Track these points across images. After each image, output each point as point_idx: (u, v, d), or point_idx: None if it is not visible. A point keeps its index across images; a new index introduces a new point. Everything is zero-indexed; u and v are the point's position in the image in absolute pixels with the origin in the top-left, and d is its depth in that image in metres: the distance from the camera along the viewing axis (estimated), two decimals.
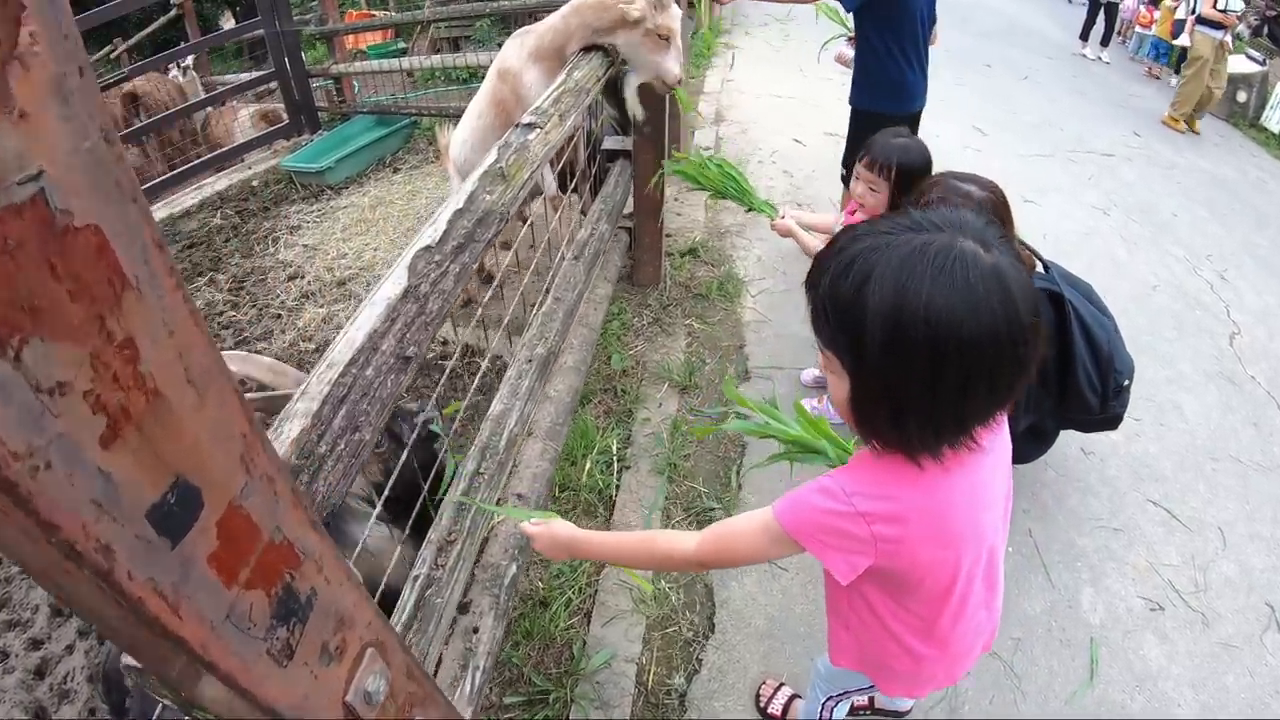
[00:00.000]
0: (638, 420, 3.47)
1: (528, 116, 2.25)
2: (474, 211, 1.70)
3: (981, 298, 0.99)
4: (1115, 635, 2.69)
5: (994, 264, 1.01)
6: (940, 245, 1.01)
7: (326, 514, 1.15)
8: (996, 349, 1.01)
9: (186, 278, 5.49)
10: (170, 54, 7.56)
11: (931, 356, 1.01)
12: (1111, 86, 9.57)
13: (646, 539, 1.50)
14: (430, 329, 1.45)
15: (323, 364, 1.26)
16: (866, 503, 1.16)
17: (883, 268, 1.02)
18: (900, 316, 1.00)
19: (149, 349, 0.47)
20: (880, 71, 4.09)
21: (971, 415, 1.09)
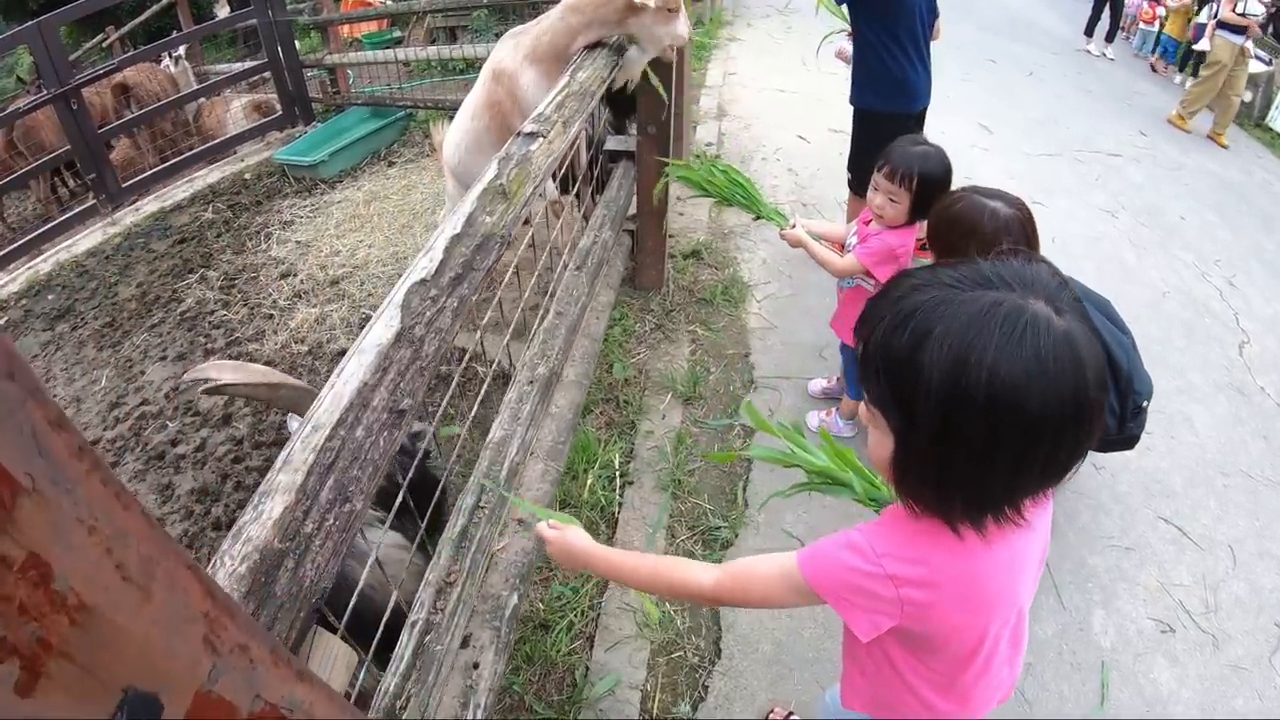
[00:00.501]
0: (640, 432, 3.38)
1: (529, 125, 2.13)
2: (473, 236, 1.58)
3: (1051, 370, 0.90)
4: (1126, 658, 2.65)
5: (1066, 331, 0.92)
6: (1011, 307, 0.92)
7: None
8: (1059, 426, 0.93)
9: (177, 274, 5.42)
10: (162, 43, 7.44)
11: (989, 429, 0.93)
12: (1117, 83, 9.47)
13: (663, 566, 1.40)
14: (426, 374, 1.34)
15: (306, 426, 1.15)
16: (896, 565, 1.09)
17: (945, 326, 0.94)
18: (960, 383, 0.92)
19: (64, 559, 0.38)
20: (880, 68, 3.93)
21: (1022, 491, 1.00)
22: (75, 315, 5.35)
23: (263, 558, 1.00)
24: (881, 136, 3.80)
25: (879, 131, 3.94)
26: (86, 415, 4.39)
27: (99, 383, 4.64)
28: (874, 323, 1.03)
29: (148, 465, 3.92)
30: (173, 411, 4.27)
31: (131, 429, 4.21)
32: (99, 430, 4.25)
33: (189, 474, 3.80)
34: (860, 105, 4.13)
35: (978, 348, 0.91)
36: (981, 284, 0.97)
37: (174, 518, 3.60)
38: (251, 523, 1.04)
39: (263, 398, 2.39)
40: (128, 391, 4.51)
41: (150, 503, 3.71)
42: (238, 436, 3.97)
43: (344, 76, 7.91)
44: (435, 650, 1.65)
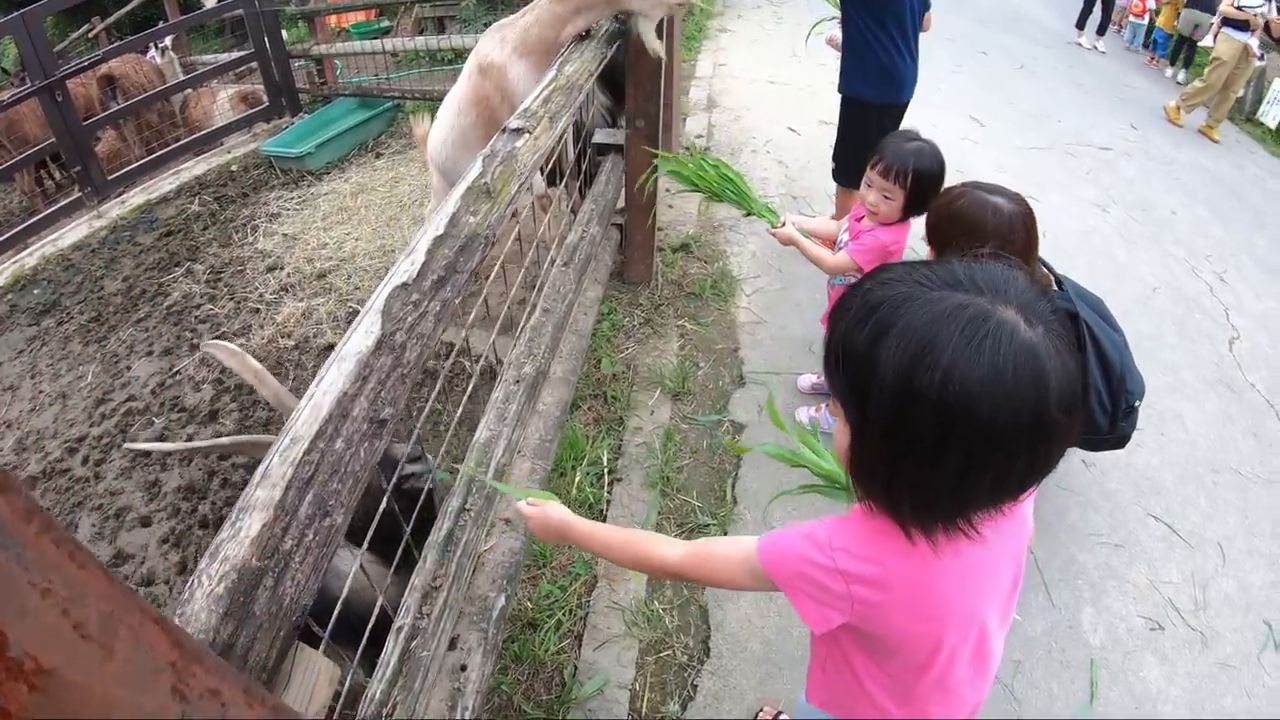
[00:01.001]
0: (629, 429, 3.36)
1: (515, 120, 2.10)
2: (456, 237, 1.55)
3: (1009, 381, 0.87)
4: (1115, 656, 2.65)
5: (1031, 344, 0.88)
6: (976, 311, 0.89)
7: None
8: (1013, 440, 0.90)
9: (163, 267, 5.38)
10: (148, 34, 7.39)
11: (938, 433, 0.90)
12: (1108, 77, 9.46)
13: (636, 539, 1.42)
14: (408, 381, 1.31)
15: (284, 438, 1.12)
16: (848, 561, 1.08)
17: (906, 323, 0.91)
18: (913, 382, 0.89)
19: (17, 625, 0.37)
20: (870, 57, 3.94)
21: (971, 502, 0.98)
22: (61, 310, 5.30)
23: (240, 577, 0.98)
24: (868, 126, 4.04)
25: (866, 121, 4.05)
26: (73, 412, 4.35)
27: (85, 378, 4.59)
28: (841, 314, 1.01)
29: (134, 462, 3.88)
30: (159, 408, 4.23)
31: (118, 425, 4.17)
32: (85, 427, 4.21)
33: (175, 471, 3.77)
34: (849, 94, 4.14)
35: (935, 349, 0.88)
36: (951, 285, 0.94)
37: (160, 515, 3.57)
38: (229, 541, 1.01)
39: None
40: (114, 387, 4.47)
41: (137, 500, 3.67)
42: (224, 432, 3.94)
43: (331, 67, 7.84)
44: (421, 656, 1.63)
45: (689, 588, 2.74)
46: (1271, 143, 8.31)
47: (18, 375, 4.76)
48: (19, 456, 4.10)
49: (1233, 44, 8.00)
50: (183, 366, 4.47)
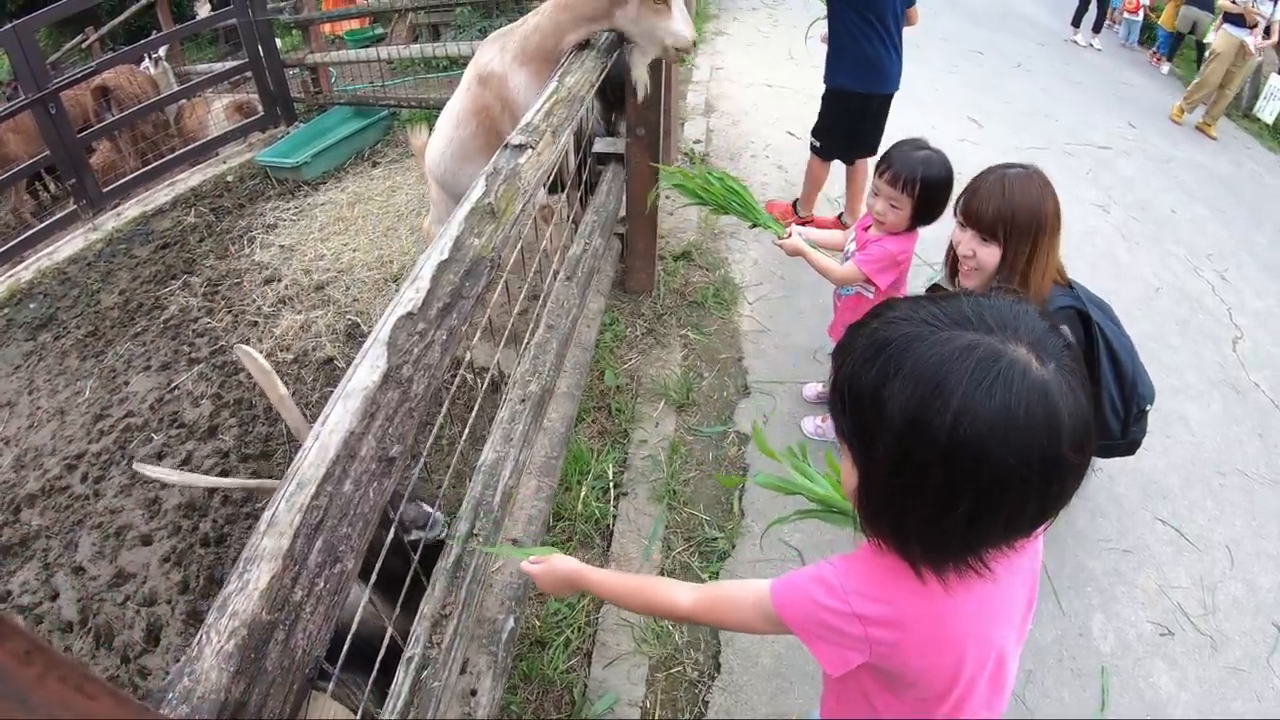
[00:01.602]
0: (634, 441, 3.33)
1: (517, 136, 2.06)
2: (461, 261, 1.51)
3: (1021, 422, 0.85)
4: (1126, 663, 2.63)
5: (1043, 383, 0.86)
6: (986, 351, 0.87)
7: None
8: (1024, 481, 0.87)
9: (160, 281, 5.36)
10: (142, 44, 7.34)
11: (948, 477, 0.89)
12: (1104, 75, 9.45)
13: (646, 584, 1.42)
14: (416, 415, 1.28)
15: (290, 483, 1.08)
16: (863, 604, 1.06)
17: (914, 364, 0.89)
18: (921, 426, 0.87)
19: None
20: (854, 50, 4.17)
21: (981, 543, 0.96)
22: (58, 324, 5.29)
23: (251, 633, 0.94)
24: (852, 114, 4.34)
25: (850, 109, 4.36)
26: (71, 428, 4.33)
27: (83, 394, 4.57)
28: (847, 352, 0.98)
29: (134, 479, 3.86)
30: (158, 423, 4.21)
31: (117, 442, 4.15)
32: (84, 443, 4.20)
33: (176, 489, 3.74)
34: (833, 86, 4.39)
35: (944, 390, 0.86)
36: (960, 323, 0.92)
37: (161, 533, 3.55)
38: (237, 594, 0.97)
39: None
40: (112, 403, 4.45)
41: (137, 518, 3.65)
42: (224, 449, 3.92)
43: (326, 76, 7.82)
44: (433, 687, 1.60)
45: None
46: (1268, 138, 8.32)
47: (15, 391, 4.73)
48: (17, 474, 4.08)
49: (1230, 39, 7.98)
50: (181, 381, 4.44)
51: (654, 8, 3.01)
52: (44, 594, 3.41)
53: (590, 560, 2.83)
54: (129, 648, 3.11)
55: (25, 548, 3.66)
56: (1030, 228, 2.15)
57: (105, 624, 3.22)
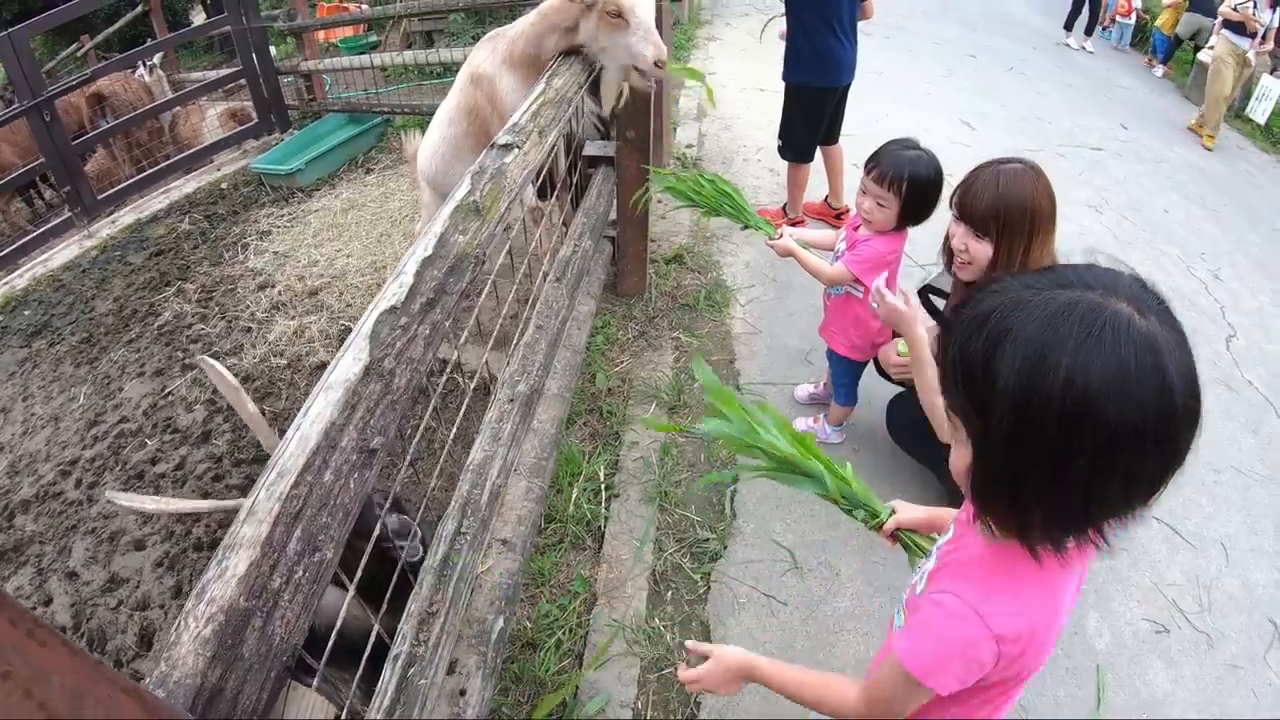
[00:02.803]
0: (625, 443, 3.33)
1: (504, 136, 2.07)
2: (445, 258, 1.52)
3: (1132, 373, 0.85)
4: (1122, 661, 2.61)
5: (1148, 333, 0.86)
6: (1089, 305, 0.88)
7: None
8: (1140, 435, 0.86)
9: (154, 287, 5.37)
10: (136, 52, 7.36)
11: (1065, 435, 0.88)
12: (1097, 77, 9.47)
13: (818, 680, 1.38)
14: (399, 408, 1.28)
15: (271, 472, 1.09)
16: (1001, 622, 1.04)
17: (1020, 327, 0.90)
18: (1035, 386, 0.88)
19: None
20: (807, 45, 4.36)
21: (1100, 509, 0.94)
22: (52, 331, 5.29)
23: (228, 619, 0.95)
24: (810, 108, 4.52)
25: (808, 103, 4.54)
26: (65, 434, 4.33)
27: (77, 400, 4.57)
28: (956, 328, 0.99)
29: (127, 485, 3.86)
30: (151, 429, 4.20)
31: (110, 447, 4.15)
32: (78, 449, 4.19)
33: (169, 493, 3.73)
34: (792, 81, 4.57)
35: (1054, 348, 0.87)
36: (1060, 285, 0.92)
37: (154, 539, 3.54)
38: (215, 581, 0.99)
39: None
40: (106, 409, 4.44)
41: (130, 523, 3.64)
42: (217, 454, 3.91)
43: (320, 83, 7.83)
44: (419, 684, 1.60)
45: (688, 603, 2.71)
46: (1261, 139, 8.33)
47: (9, 398, 4.74)
48: (11, 480, 4.08)
49: (1230, 46, 7.91)
50: (175, 387, 4.44)
51: (611, 23, 2.97)
52: (38, 599, 3.41)
53: (581, 562, 2.83)
54: (122, 652, 3.11)
55: (19, 553, 3.66)
56: (1024, 223, 2.14)
57: (98, 629, 3.21)
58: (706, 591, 2.74)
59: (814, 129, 4.62)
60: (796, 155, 4.72)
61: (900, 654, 1.12)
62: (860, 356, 3.03)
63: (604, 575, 2.78)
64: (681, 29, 9.48)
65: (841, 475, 1.61)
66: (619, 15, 2.94)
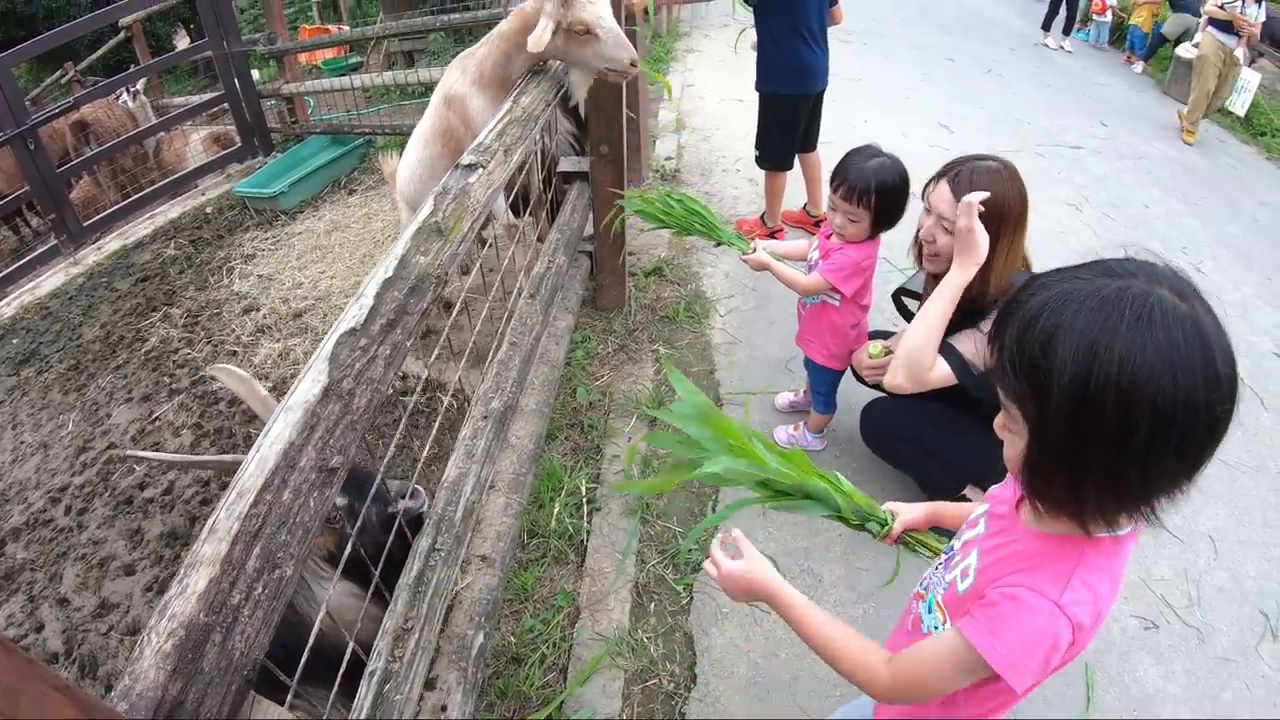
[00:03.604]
0: (607, 457, 3.33)
1: (468, 156, 2.09)
2: (406, 279, 1.53)
3: (1183, 351, 0.91)
4: (1110, 659, 2.61)
5: (1192, 315, 0.93)
6: (1137, 291, 0.94)
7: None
8: (1191, 411, 0.92)
9: (140, 313, 5.41)
10: (120, 78, 7.36)
11: (1122, 416, 0.92)
12: (1076, 76, 9.51)
13: (840, 632, 1.32)
14: (359, 427, 1.30)
15: (231, 492, 1.12)
16: (1081, 610, 1.06)
17: (1073, 317, 0.96)
18: (1091, 369, 0.93)
19: None
20: (779, 55, 4.37)
21: (1155, 484, 0.99)
22: (40, 359, 5.31)
23: (188, 634, 0.98)
24: (784, 116, 4.54)
25: (782, 111, 4.55)
26: (54, 461, 4.34)
27: (66, 427, 4.59)
28: (1005, 325, 1.04)
29: (116, 510, 3.88)
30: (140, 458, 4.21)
31: (99, 474, 4.17)
32: (67, 476, 4.21)
33: (158, 518, 3.75)
34: (765, 91, 4.56)
35: (1107, 333, 0.92)
36: (1106, 274, 0.98)
37: (144, 563, 3.55)
38: (176, 598, 1.01)
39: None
40: (94, 435, 4.46)
41: (120, 548, 3.66)
42: (204, 478, 3.92)
43: (302, 105, 7.85)
44: (395, 700, 1.61)
45: (671, 614, 2.71)
46: (1241, 131, 8.35)
47: None
48: (2, 508, 4.09)
49: (1215, 44, 7.87)
50: (162, 412, 4.45)
51: (580, 39, 2.99)
52: (29, 626, 3.42)
53: (564, 576, 2.83)
54: (113, 677, 3.11)
55: (10, 581, 3.67)
56: (992, 220, 2.16)
57: (90, 654, 3.22)
58: (689, 602, 2.73)
59: (790, 137, 4.64)
60: (774, 164, 4.73)
61: (977, 643, 1.11)
62: (838, 365, 3.04)
63: (587, 589, 2.78)
64: (660, 42, 9.52)
65: (845, 490, 1.56)
66: (587, 31, 2.96)
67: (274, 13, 7.47)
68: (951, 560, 1.34)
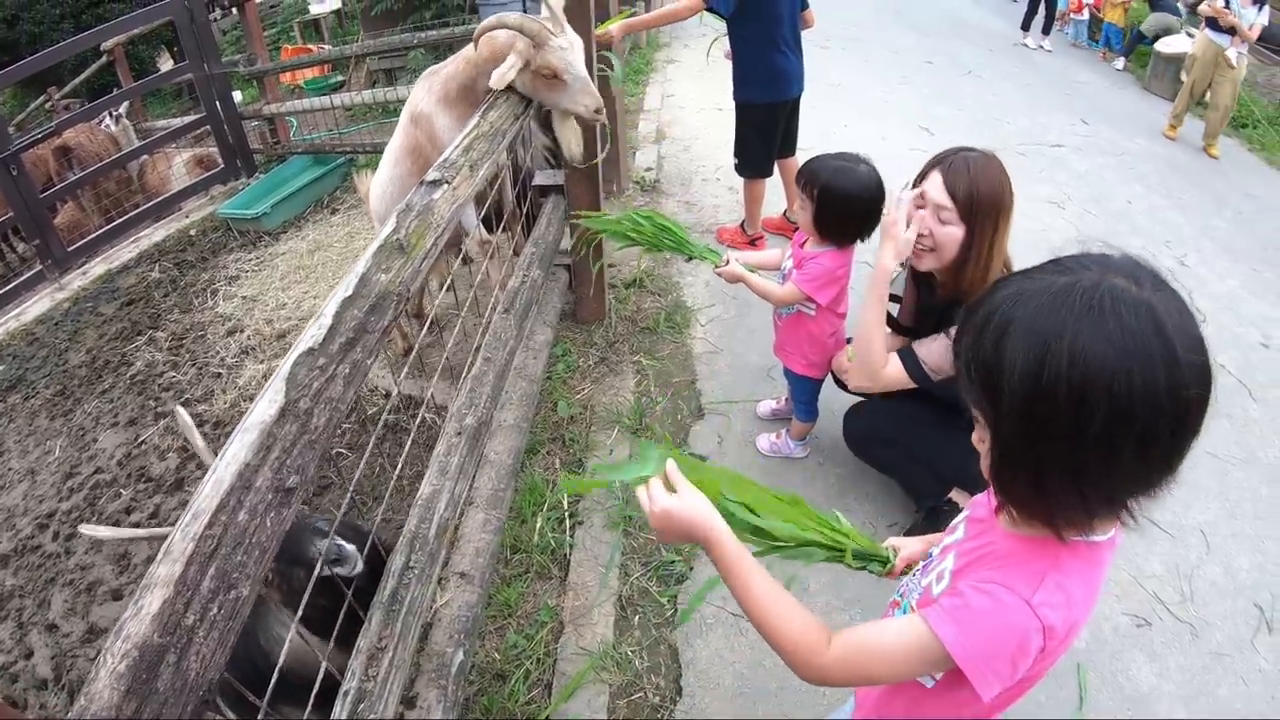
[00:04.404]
0: (589, 470, 3.31)
1: (433, 172, 2.08)
2: (366, 297, 1.53)
3: (1133, 339, 0.88)
4: (1103, 658, 2.59)
5: (1145, 301, 0.90)
6: (1088, 284, 0.92)
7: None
8: (1152, 401, 0.88)
9: (126, 337, 5.44)
10: (102, 102, 7.37)
11: (1076, 409, 0.90)
12: (1055, 75, 9.53)
13: (784, 602, 1.19)
14: (317, 446, 1.30)
15: (187, 514, 1.13)
16: (1053, 613, 1.03)
17: (1023, 314, 0.94)
18: (1042, 363, 0.91)
19: None
20: (754, 64, 4.36)
21: (1121, 482, 0.96)
22: (26, 385, 5.31)
23: (142, 654, 0.98)
24: (762, 124, 4.55)
25: (760, 119, 4.56)
26: (41, 488, 4.36)
27: (52, 453, 4.59)
28: (964, 334, 1.03)
29: None
30: (126, 479, 4.22)
31: (86, 499, 4.18)
32: (54, 502, 4.22)
33: (145, 543, 3.73)
34: (744, 101, 4.56)
35: (1056, 326, 0.91)
36: (1057, 271, 0.97)
37: (132, 587, 3.52)
38: (131, 619, 1.01)
39: None
40: (81, 460, 4.47)
41: (108, 574, 3.67)
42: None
43: (285, 126, 7.87)
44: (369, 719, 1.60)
45: (655, 626, 2.69)
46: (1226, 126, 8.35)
47: None
48: None
49: (1206, 44, 7.75)
50: (148, 436, 4.45)
51: (547, 81, 2.99)
52: (19, 653, 3.43)
53: (548, 591, 2.81)
54: None
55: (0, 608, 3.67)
56: (991, 210, 2.13)
57: (78, 679, 3.22)
58: (674, 614, 2.72)
59: (768, 144, 4.64)
60: (754, 172, 4.75)
61: (939, 632, 1.07)
62: (818, 374, 3.02)
63: (570, 603, 2.76)
64: (640, 53, 9.53)
65: (844, 531, 1.51)
66: (554, 76, 2.96)
67: (254, 34, 7.48)
68: (929, 566, 1.32)
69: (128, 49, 9.33)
